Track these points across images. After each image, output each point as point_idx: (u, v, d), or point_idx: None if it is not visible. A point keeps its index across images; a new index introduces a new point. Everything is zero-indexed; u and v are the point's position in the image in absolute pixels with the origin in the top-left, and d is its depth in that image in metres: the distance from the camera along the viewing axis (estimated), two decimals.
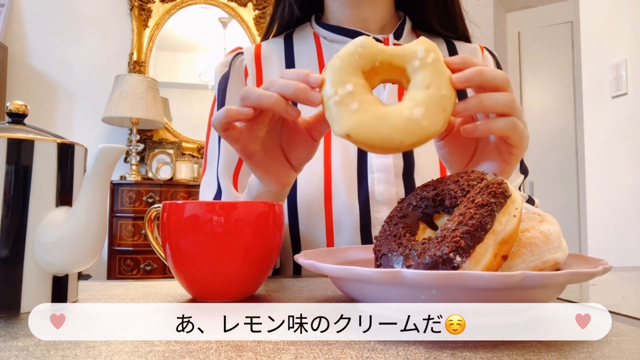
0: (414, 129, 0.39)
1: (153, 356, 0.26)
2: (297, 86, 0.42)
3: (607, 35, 2.08)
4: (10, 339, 0.29)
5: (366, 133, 0.39)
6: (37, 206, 0.37)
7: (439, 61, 0.41)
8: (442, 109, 0.40)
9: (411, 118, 0.39)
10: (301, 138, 0.49)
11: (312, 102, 0.42)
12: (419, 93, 0.40)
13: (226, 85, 0.75)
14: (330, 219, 0.66)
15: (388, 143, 0.40)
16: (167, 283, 0.51)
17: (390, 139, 0.39)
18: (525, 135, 0.45)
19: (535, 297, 0.33)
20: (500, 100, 0.43)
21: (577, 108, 3.21)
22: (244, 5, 3.01)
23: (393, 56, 0.42)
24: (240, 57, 0.77)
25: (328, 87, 0.41)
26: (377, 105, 0.40)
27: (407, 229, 0.39)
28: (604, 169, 2.09)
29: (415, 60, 0.41)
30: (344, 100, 0.40)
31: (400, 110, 0.40)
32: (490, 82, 0.42)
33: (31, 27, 2.71)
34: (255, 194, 0.54)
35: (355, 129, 0.39)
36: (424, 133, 0.40)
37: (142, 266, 2.40)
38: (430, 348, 0.27)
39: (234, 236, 0.40)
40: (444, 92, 0.40)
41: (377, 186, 0.67)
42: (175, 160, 2.73)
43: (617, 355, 0.27)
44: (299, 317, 0.35)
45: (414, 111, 0.39)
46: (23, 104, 0.40)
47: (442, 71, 0.41)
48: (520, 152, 0.46)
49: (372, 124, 0.39)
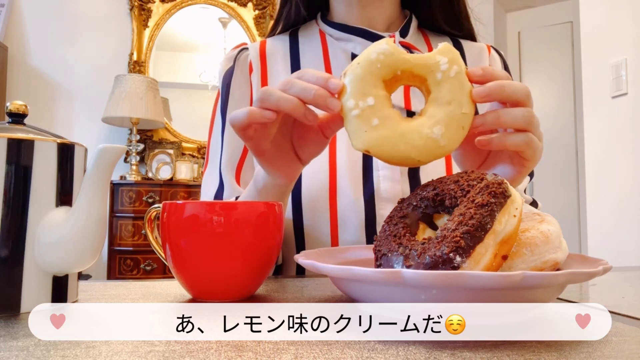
0: (432, 148, 0.40)
1: (153, 356, 0.26)
2: (317, 92, 0.42)
3: (607, 35, 2.08)
4: (10, 339, 0.29)
5: (386, 150, 0.40)
6: (37, 206, 0.37)
7: (462, 74, 0.41)
8: (461, 127, 0.41)
9: (430, 137, 0.40)
10: (312, 135, 0.49)
11: (331, 110, 0.42)
12: (439, 110, 0.41)
13: (230, 80, 0.75)
14: (335, 216, 0.66)
15: (407, 160, 0.41)
16: (167, 283, 0.51)
17: (409, 156, 0.40)
18: (539, 149, 0.45)
19: (535, 297, 0.33)
20: (518, 117, 0.43)
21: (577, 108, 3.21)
22: (244, 5, 3.01)
23: (415, 66, 0.42)
24: (244, 52, 0.77)
25: (349, 99, 0.41)
26: (397, 121, 0.41)
27: (407, 229, 0.39)
28: (604, 169, 2.09)
29: (438, 73, 0.41)
30: (364, 114, 0.40)
31: (420, 128, 0.40)
32: (511, 98, 0.43)
33: (31, 27, 2.71)
34: (262, 187, 0.54)
35: (375, 145, 0.40)
36: (441, 152, 0.41)
37: (142, 266, 2.40)
38: (430, 348, 0.27)
39: (234, 236, 0.40)
40: (464, 109, 0.41)
41: (382, 183, 0.67)
42: (175, 160, 2.73)
43: (617, 355, 0.27)
44: (299, 317, 0.35)
45: (434, 130, 0.40)
46: (23, 104, 0.40)
47: (463, 85, 0.41)
48: (532, 164, 0.46)
49: (391, 141, 0.40)
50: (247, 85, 0.75)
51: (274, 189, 0.53)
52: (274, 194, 0.54)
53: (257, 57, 0.76)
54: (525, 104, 0.43)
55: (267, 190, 0.54)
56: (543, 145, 0.47)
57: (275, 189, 0.53)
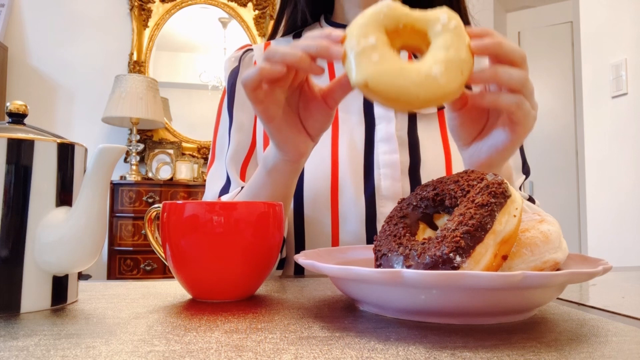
0: (431, 85, 0.40)
1: (153, 356, 0.26)
2: (319, 42, 0.43)
3: (607, 35, 2.08)
4: (10, 339, 0.29)
5: (384, 83, 0.40)
6: (37, 206, 0.37)
7: (461, 28, 0.42)
8: (460, 71, 0.41)
9: (429, 75, 0.40)
10: (317, 106, 0.50)
11: (334, 56, 0.42)
12: (439, 53, 0.41)
13: (235, 79, 0.76)
14: (336, 213, 0.67)
15: (404, 96, 0.40)
16: (167, 283, 0.51)
17: (407, 91, 0.40)
18: (531, 116, 0.46)
19: (535, 297, 0.33)
20: (514, 76, 0.44)
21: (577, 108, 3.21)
22: (244, 5, 3.01)
23: (417, 20, 0.43)
24: (249, 53, 0.79)
25: (350, 40, 0.42)
26: (398, 60, 0.41)
27: (407, 229, 0.39)
28: (604, 169, 2.09)
29: (438, 25, 0.42)
30: (365, 51, 0.41)
31: (420, 67, 0.41)
32: (507, 55, 0.44)
33: (31, 27, 2.71)
34: (271, 166, 0.54)
35: (374, 78, 0.40)
36: (440, 91, 0.40)
37: (142, 266, 2.40)
38: (430, 348, 0.27)
39: (234, 236, 0.40)
40: (463, 55, 0.41)
41: (383, 181, 0.68)
42: (175, 160, 2.73)
43: (617, 355, 0.27)
44: (299, 317, 0.35)
45: (433, 68, 0.40)
46: (23, 104, 0.40)
47: (462, 37, 0.42)
48: (522, 130, 0.47)
49: (391, 75, 0.40)
50: None
51: (284, 167, 0.53)
52: (283, 174, 0.54)
53: (261, 59, 0.76)
54: (521, 67, 0.45)
55: (277, 171, 0.54)
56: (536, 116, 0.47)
57: (285, 168, 0.53)
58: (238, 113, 0.74)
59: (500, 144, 0.48)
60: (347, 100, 0.72)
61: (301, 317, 0.35)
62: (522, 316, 0.34)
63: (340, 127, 0.71)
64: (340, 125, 0.72)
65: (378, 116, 0.72)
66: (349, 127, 0.71)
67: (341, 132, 0.71)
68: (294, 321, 0.34)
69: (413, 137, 0.71)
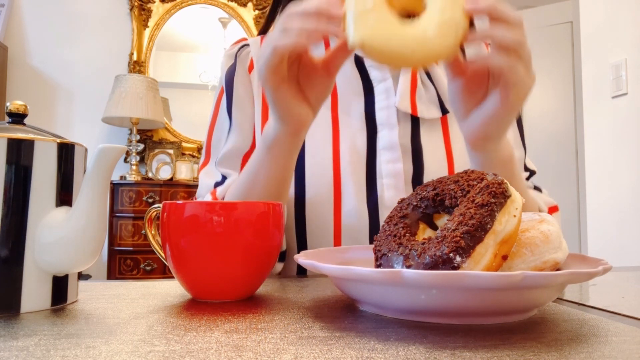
0: (425, 45, 0.42)
1: (153, 356, 0.26)
2: (319, 5, 0.44)
3: (607, 35, 2.08)
4: (10, 339, 0.29)
5: (379, 43, 0.42)
6: (37, 206, 0.37)
7: None
8: (454, 32, 0.42)
9: (424, 35, 0.42)
10: (317, 73, 0.50)
11: (335, 16, 0.43)
12: (434, 15, 0.42)
13: (232, 77, 0.75)
14: (339, 223, 0.66)
15: (399, 55, 0.42)
16: (167, 283, 0.51)
17: (402, 50, 0.42)
18: (525, 82, 0.45)
19: (535, 297, 0.33)
20: (508, 35, 0.43)
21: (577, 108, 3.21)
22: (244, 5, 3.01)
23: None
24: (245, 49, 0.77)
25: (349, 2, 0.43)
26: (394, 22, 0.43)
27: (407, 229, 0.39)
28: (604, 169, 2.09)
29: None
30: (363, 13, 0.42)
31: (415, 28, 0.42)
32: (502, 17, 0.43)
33: (31, 27, 2.71)
34: (272, 141, 0.54)
35: (369, 38, 0.42)
36: (434, 50, 0.42)
37: (142, 266, 2.40)
38: (430, 348, 0.27)
39: (234, 236, 0.40)
40: (457, 17, 0.42)
41: (386, 192, 0.67)
42: (175, 160, 2.73)
43: (617, 355, 0.27)
44: (299, 317, 0.35)
45: (428, 29, 0.42)
46: (23, 104, 0.40)
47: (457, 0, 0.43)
48: (515, 96, 0.45)
49: (386, 36, 0.42)
50: (248, 82, 0.75)
51: (286, 139, 0.53)
52: (284, 148, 0.54)
53: (257, 55, 0.76)
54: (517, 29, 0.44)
55: (277, 146, 0.54)
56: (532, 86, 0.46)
57: (286, 140, 0.53)
58: (237, 114, 0.73)
59: (493, 111, 0.48)
60: (348, 103, 0.72)
61: (301, 317, 0.35)
62: (522, 316, 0.34)
63: (342, 131, 0.70)
64: (341, 129, 0.70)
65: (380, 122, 0.70)
66: (350, 133, 0.70)
67: (342, 138, 0.69)
68: (294, 321, 0.34)
69: (416, 144, 0.70)
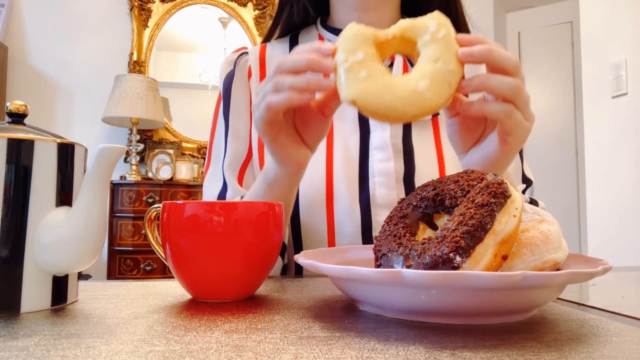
0: (418, 101, 0.40)
1: (153, 356, 0.26)
2: (310, 57, 0.44)
3: (607, 35, 2.08)
4: (10, 339, 0.29)
5: (371, 101, 0.41)
6: (37, 206, 0.37)
7: (449, 36, 0.42)
8: (447, 84, 0.41)
9: (416, 90, 0.40)
10: (313, 116, 0.50)
11: (325, 69, 0.43)
12: (426, 66, 0.41)
13: (231, 84, 0.76)
14: (332, 221, 0.67)
15: (392, 112, 0.41)
16: (167, 283, 0.51)
17: (394, 108, 0.40)
18: (523, 126, 0.45)
19: (535, 297, 0.33)
20: (504, 84, 0.42)
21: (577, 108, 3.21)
22: (244, 5, 3.01)
23: (406, 29, 0.43)
24: (244, 56, 0.78)
25: (340, 55, 0.42)
26: (385, 75, 0.41)
27: (407, 229, 0.39)
28: (604, 169, 2.09)
29: (427, 35, 0.42)
30: (353, 67, 0.41)
31: (407, 82, 0.41)
32: (497, 63, 0.43)
33: (31, 27, 2.71)
34: (272, 180, 0.55)
35: (361, 96, 0.41)
36: (427, 105, 0.40)
37: (142, 266, 2.40)
38: (430, 348, 0.27)
39: (234, 236, 0.40)
40: (450, 67, 0.41)
41: (378, 190, 0.68)
42: (175, 160, 2.73)
43: (617, 355, 0.27)
44: (299, 317, 0.35)
45: (420, 83, 0.40)
46: (23, 104, 0.40)
47: (451, 46, 0.42)
48: (515, 141, 0.46)
49: (378, 92, 0.40)
50: (246, 89, 0.76)
51: (286, 179, 0.54)
52: (285, 185, 0.55)
53: (256, 62, 0.76)
54: (514, 75, 0.43)
55: (278, 184, 0.55)
56: (531, 128, 0.46)
57: (286, 180, 0.54)
58: (234, 120, 0.74)
59: (492, 154, 0.48)
60: (342, 108, 0.72)
61: (301, 317, 0.35)
62: (522, 316, 0.34)
63: (335, 135, 0.71)
64: (334, 133, 0.72)
65: (373, 123, 0.71)
66: (343, 135, 0.71)
67: (336, 140, 0.71)
68: (294, 321, 0.34)
69: (407, 144, 0.71)
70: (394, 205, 0.67)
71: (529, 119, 0.45)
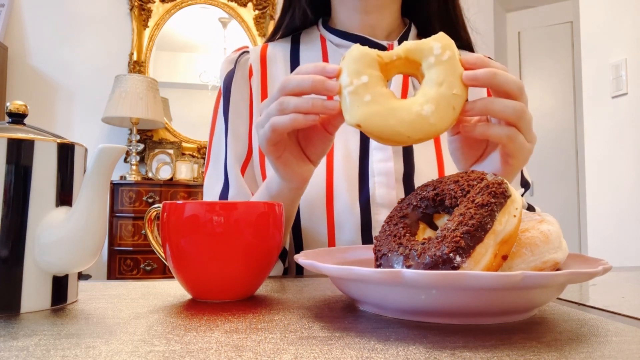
0: (422, 125, 0.40)
1: (153, 356, 0.26)
2: (314, 78, 0.43)
3: (607, 35, 2.08)
4: (10, 339, 0.29)
5: (376, 125, 0.41)
6: (37, 206, 0.37)
7: (454, 59, 0.42)
8: (452, 107, 0.41)
9: (420, 114, 0.40)
10: (317, 133, 0.50)
11: (330, 91, 0.43)
12: (430, 90, 0.41)
13: (231, 82, 0.76)
14: (332, 220, 0.67)
15: (396, 136, 0.41)
16: (167, 283, 0.51)
17: (399, 132, 0.41)
18: (525, 149, 0.45)
19: (535, 297, 0.33)
20: (508, 107, 0.43)
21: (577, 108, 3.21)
22: (244, 5, 3.01)
23: (410, 50, 0.43)
24: (245, 55, 0.78)
25: (344, 77, 0.42)
26: (390, 99, 0.41)
27: (407, 229, 0.39)
28: (604, 169, 2.09)
29: (431, 57, 0.42)
30: (358, 90, 0.41)
31: (411, 106, 0.41)
32: (501, 86, 0.43)
33: (31, 27, 2.71)
34: (275, 193, 0.56)
35: (366, 120, 0.41)
36: (431, 130, 0.41)
37: (142, 266, 2.40)
38: (430, 348, 0.27)
39: (234, 236, 0.40)
40: (455, 90, 0.41)
41: (378, 189, 0.68)
42: (175, 160, 2.73)
43: (617, 355, 0.27)
44: (299, 317, 0.35)
45: (424, 107, 0.40)
46: (23, 104, 0.40)
47: (455, 69, 0.42)
48: (517, 163, 0.46)
49: (382, 116, 0.41)
50: (246, 88, 0.76)
51: (289, 192, 0.55)
52: (288, 197, 0.56)
53: (257, 61, 0.76)
54: (518, 98, 0.43)
55: (281, 197, 0.56)
56: (533, 148, 0.46)
57: (290, 193, 0.55)
58: (234, 120, 0.74)
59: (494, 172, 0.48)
60: None
61: (301, 317, 0.35)
62: (522, 316, 0.34)
63: (336, 137, 0.71)
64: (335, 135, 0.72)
65: None
66: (343, 135, 0.71)
67: (336, 140, 0.71)
68: (294, 321, 0.34)
69: None
70: (393, 205, 0.67)
71: (531, 140, 0.46)
